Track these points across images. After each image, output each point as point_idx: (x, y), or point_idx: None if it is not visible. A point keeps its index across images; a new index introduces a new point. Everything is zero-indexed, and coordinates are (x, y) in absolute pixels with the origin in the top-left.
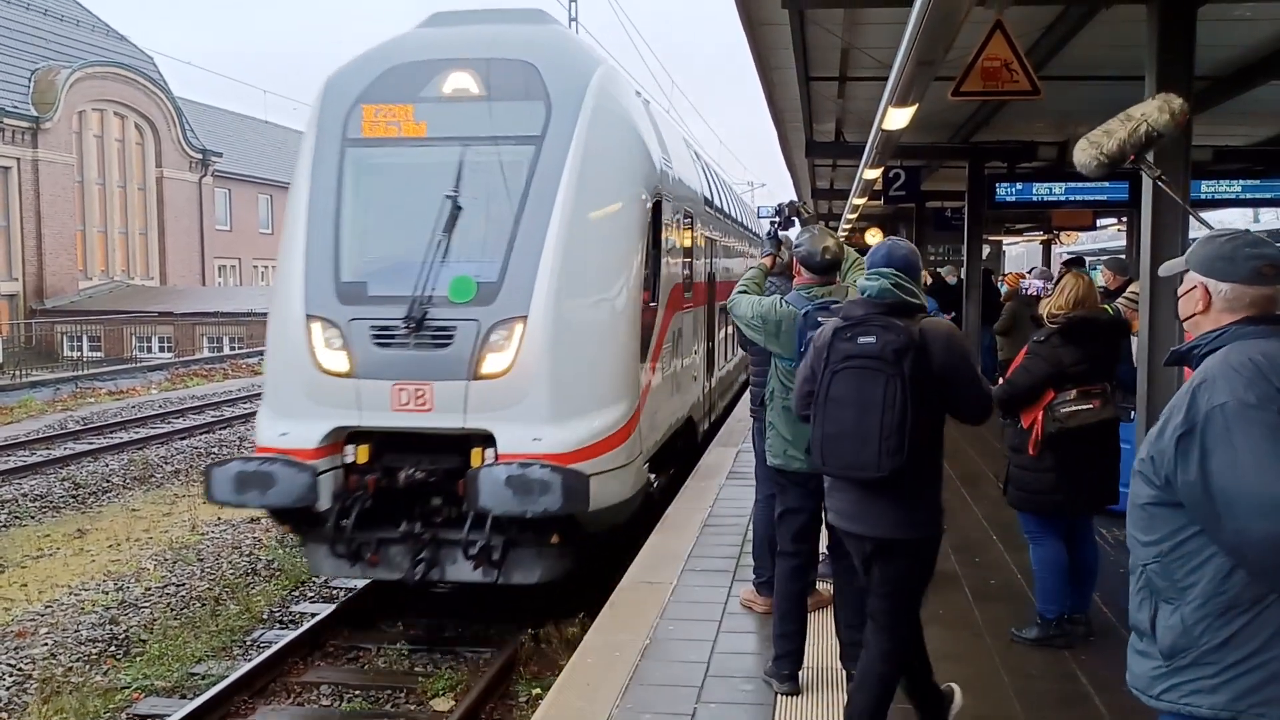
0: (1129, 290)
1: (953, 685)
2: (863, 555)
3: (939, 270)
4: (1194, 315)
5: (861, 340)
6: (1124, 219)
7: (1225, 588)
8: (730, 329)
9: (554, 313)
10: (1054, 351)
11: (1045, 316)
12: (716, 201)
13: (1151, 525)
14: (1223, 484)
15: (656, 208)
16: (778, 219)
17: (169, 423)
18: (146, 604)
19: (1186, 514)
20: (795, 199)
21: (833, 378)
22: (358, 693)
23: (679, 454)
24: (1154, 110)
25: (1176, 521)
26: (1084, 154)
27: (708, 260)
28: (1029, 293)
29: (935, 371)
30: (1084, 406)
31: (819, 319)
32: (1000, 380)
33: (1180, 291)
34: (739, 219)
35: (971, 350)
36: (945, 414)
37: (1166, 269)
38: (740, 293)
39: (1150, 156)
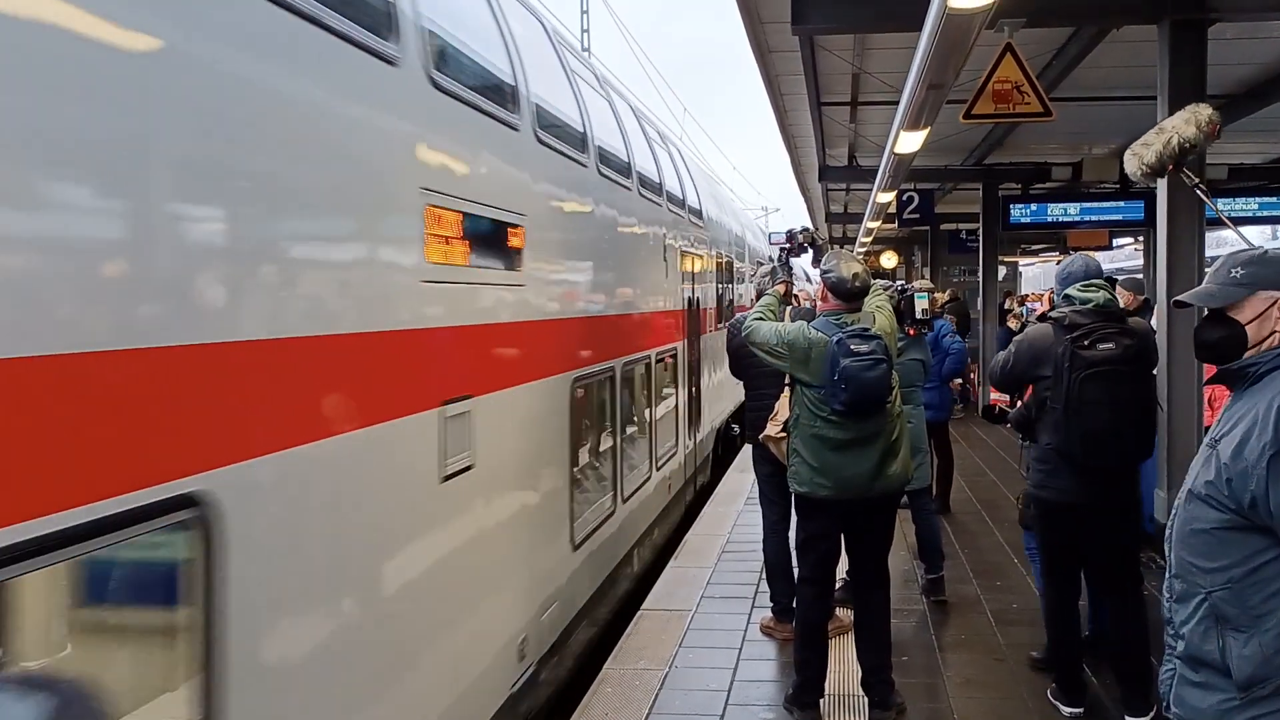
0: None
1: None
2: (1081, 525)
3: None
4: (1274, 334)
5: (1101, 347)
6: (1140, 238)
7: None
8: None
9: None
10: None
11: None
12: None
13: (1220, 550)
14: None
15: None
16: (788, 245)
17: None
18: None
19: (1268, 536)
20: (808, 226)
21: (1082, 384)
22: None
23: None
24: (1181, 122)
25: (1252, 545)
26: (1130, 164)
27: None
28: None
29: (1154, 368)
30: None
31: (851, 346)
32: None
33: (1248, 316)
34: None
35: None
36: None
37: (1205, 298)
38: (756, 319)
39: (1190, 166)
